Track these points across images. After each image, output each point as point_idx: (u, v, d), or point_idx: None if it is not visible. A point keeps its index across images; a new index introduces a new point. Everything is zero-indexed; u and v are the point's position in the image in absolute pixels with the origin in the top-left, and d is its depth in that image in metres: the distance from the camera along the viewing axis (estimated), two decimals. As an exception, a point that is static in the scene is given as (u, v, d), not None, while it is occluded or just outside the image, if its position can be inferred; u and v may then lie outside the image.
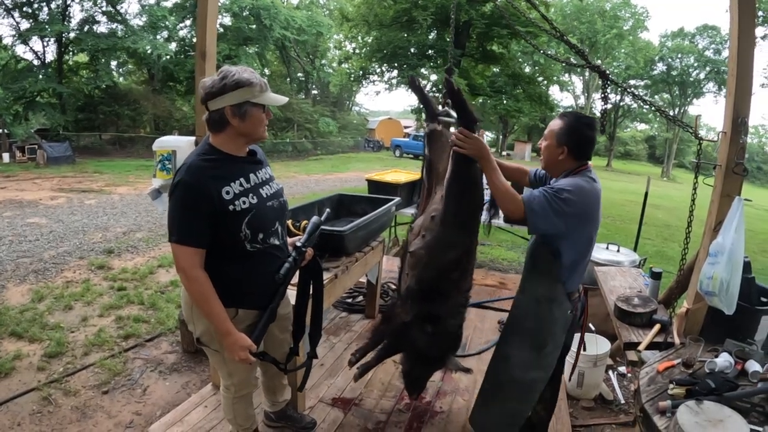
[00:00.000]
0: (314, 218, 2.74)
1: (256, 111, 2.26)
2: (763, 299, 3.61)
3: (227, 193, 2.21)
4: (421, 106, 3.38)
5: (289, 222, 3.41)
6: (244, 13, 30.28)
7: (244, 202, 2.26)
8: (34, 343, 4.67)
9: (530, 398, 2.78)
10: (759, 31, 23.46)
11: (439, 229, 2.86)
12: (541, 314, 2.69)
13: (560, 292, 2.63)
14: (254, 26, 30.69)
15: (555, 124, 2.61)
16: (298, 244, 2.58)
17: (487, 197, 2.91)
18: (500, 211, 2.82)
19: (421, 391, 3.53)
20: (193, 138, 3.44)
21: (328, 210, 2.99)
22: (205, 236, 2.19)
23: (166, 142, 3.43)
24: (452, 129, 3.12)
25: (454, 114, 3.32)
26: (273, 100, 2.32)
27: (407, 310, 3.10)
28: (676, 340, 3.23)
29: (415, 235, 3.05)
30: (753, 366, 2.72)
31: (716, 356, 2.84)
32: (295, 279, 2.67)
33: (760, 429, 2.24)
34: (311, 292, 2.78)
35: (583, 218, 2.50)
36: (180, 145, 3.35)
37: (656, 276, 3.98)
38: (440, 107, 3.45)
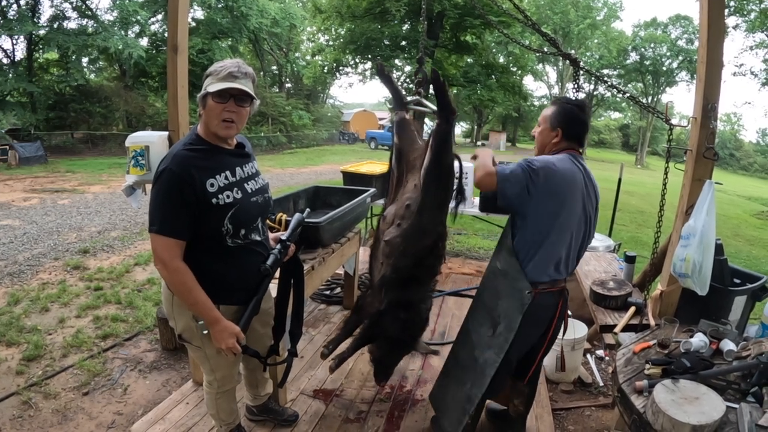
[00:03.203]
0: (297, 214, 2.75)
1: (210, 101, 2.19)
2: (736, 280, 3.67)
3: (211, 185, 2.18)
4: (390, 94, 3.38)
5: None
6: (219, 5, 30.02)
7: (228, 197, 2.23)
8: (11, 347, 4.60)
9: (482, 382, 2.73)
10: (731, 21, 23.78)
11: (416, 217, 2.89)
12: (496, 288, 2.72)
13: (514, 267, 2.61)
14: (227, 19, 30.39)
15: (548, 110, 2.70)
16: (283, 237, 2.57)
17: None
18: (467, 199, 2.88)
19: (389, 377, 3.60)
20: (165, 133, 3.40)
21: (308, 210, 3.00)
22: (186, 228, 2.16)
23: (138, 138, 3.39)
24: (427, 119, 3.16)
25: (427, 103, 3.37)
26: (215, 87, 2.18)
27: (381, 299, 3.15)
28: (652, 322, 3.28)
29: (388, 224, 3.08)
30: (727, 345, 2.77)
31: (691, 336, 2.89)
32: (276, 275, 2.68)
33: (736, 405, 2.28)
34: (292, 289, 2.79)
35: (549, 194, 2.46)
36: (153, 140, 3.32)
37: (630, 260, 4.04)
38: (410, 96, 3.48)
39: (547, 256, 2.57)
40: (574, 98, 2.75)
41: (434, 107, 3.34)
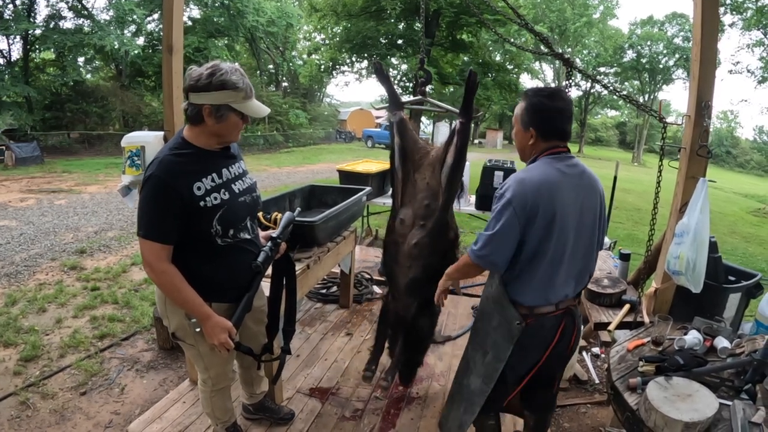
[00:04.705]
0: (288, 213, 2.77)
1: (234, 116, 2.21)
2: (731, 278, 3.69)
3: (198, 189, 2.19)
4: (387, 93, 3.39)
5: (260, 214, 3.41)
6: (215, 4, 30.00)
7: (215, 198, 2.24)
8: (9, 347, 4.60)
9: (472, 410, 2.56)
10: (727, 19, 23.85)
11: (440, 214, 2.98)
12: (489, 314, 2.49)
13: (503, 295, 2.37)
14: (223, 18, 30.36)
15: (518, 107, 2.38)
16: (274, 235, 2.59)
17: None
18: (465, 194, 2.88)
19: (415, 375, 3.66)
20: (161, 133, 3.42)
21: (299, 209, 3.01)
22: (172, 233, 2.17)
23: (134, 138, 3.41)
24: (423, 117, 3.21)
25: (438, 103, 3.53)
26: (254, 111, 2.26)
27: (409, 303, 3.21)
28: (646, 319, 3.29)
29: (410, 227, 3.09)
30: (721, 342, 2.78)
31: (685, 334, 2.90)
32: (269, 273, 2.69)
33: (729, 403, 2.29)
34: (284, 287, 2.80)
35: (530, 221, 2.18)
36: (148, 140, 3.33)
37: (625, 257, 4.05)
38: (408, 96, 3.52)
39: (543, 280, 2.30)
40: (542, 87, 2.42)
41: (447, 107, 3.44)
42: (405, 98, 3.56)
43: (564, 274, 2.33)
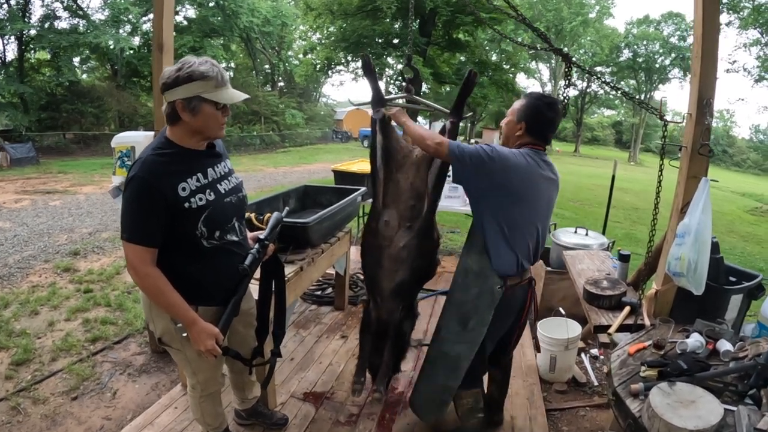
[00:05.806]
0: (276, 213, 2.72)
1: (208, 107, 2.13)
2: (732, 278, 3.64)
3: (183, 189, 2.13)
4: (371, 89, 3.32)
5: (253, 215, 3.36)
6: (210, 4, 30.01)
7: (200, 199, 2.18)
8: (0, 351, 4.54)
9: (457, 374, 2.83)
10: (724, 17, 23.87)
11: (427, 215, 3.00)
12: (467, 286, 2.78)
13: (485, 265, 2.67)
14: (219, 18, 30.36)
15: (517, 102, 2.74)
16: (261, 237, 2.53)
17: None
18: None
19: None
20: (151, 133, 3.39)
21: (287, 209, 2.97)
22: (156, 235, 2.11)
23: (124, 138, 3.38)
24: (420, 117, 3.19)
25: (427, 102, 3.52)
26: (227, 98, 2.17)
27: (394, 307, 3.18)
28: (647, 322, 3.23)
29: (395, 229, 3.04)
30: (724, 345, 2.73)
31: (687, 337, 2.85)
32: (257, 275, 2.63)
33: (734, 408, 2.23)
34: (273, 289, 2.75)
35: (505, 187, 2.55)
36: (138, 141, 3.30)
37: (624, 258, 3.99)
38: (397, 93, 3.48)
39: (514, 249, 2.65)
40: (545, 94, 2.79)
41: (434, 105, 3.42)
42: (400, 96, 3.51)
43: (531, 248, 2.73)
